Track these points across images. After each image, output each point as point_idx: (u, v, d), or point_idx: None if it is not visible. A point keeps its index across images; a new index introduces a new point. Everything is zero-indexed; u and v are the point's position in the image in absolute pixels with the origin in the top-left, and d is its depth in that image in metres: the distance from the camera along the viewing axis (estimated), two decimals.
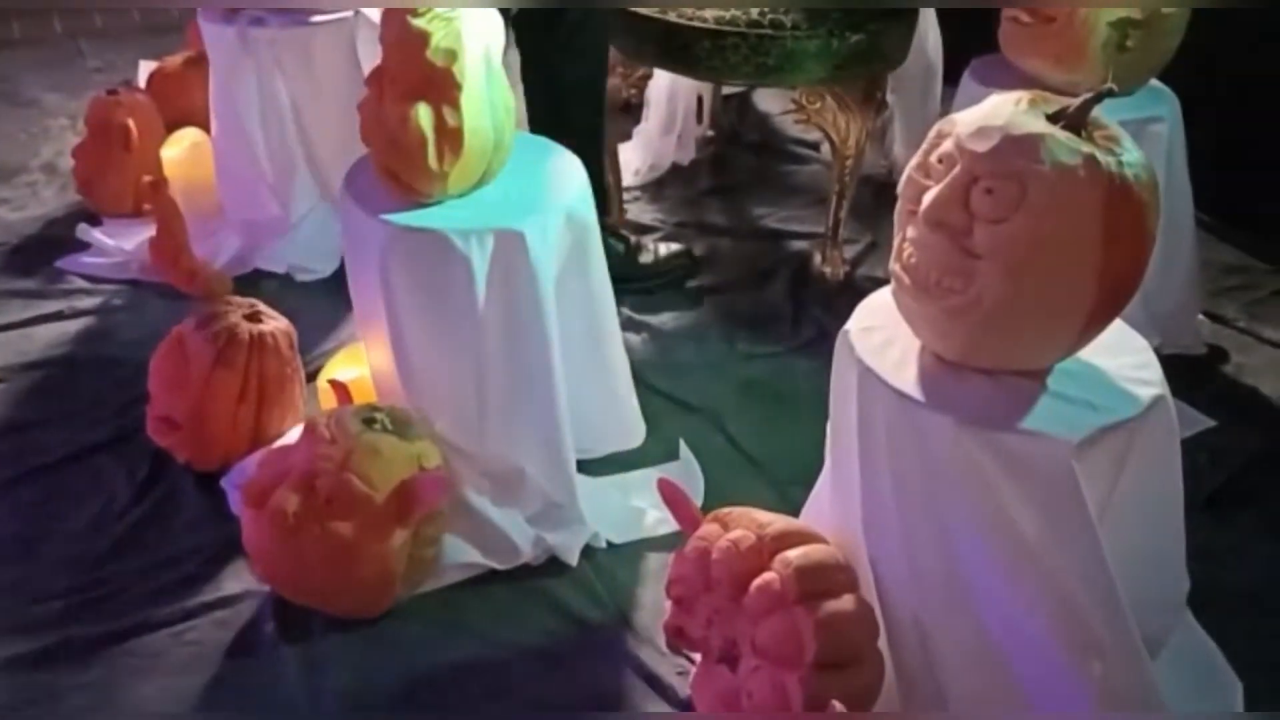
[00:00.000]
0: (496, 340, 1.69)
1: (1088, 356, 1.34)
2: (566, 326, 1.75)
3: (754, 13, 2.22)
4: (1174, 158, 2.03)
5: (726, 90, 3.06)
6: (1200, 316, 2.27)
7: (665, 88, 2.79)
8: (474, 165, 1.69)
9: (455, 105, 1.62)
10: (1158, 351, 2.09)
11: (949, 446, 1.28)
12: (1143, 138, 1.97)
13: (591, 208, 1.81)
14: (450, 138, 1.63)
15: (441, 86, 1.61)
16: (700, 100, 2.91)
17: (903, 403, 1.30)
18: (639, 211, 2.75)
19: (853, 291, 2.29)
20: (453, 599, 1.72)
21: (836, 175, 2.39)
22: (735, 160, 2.99)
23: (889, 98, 2.61)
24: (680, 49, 2.27)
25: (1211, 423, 2.03)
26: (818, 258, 2.49)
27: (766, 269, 2.53)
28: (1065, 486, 1.25)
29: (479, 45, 1.65)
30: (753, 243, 2.66)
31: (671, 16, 2.25)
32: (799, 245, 2.62)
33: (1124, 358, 1.36)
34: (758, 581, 1.35)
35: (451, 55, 1.60)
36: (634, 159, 2.84)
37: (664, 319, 2.36)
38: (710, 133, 3.02)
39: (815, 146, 3.04)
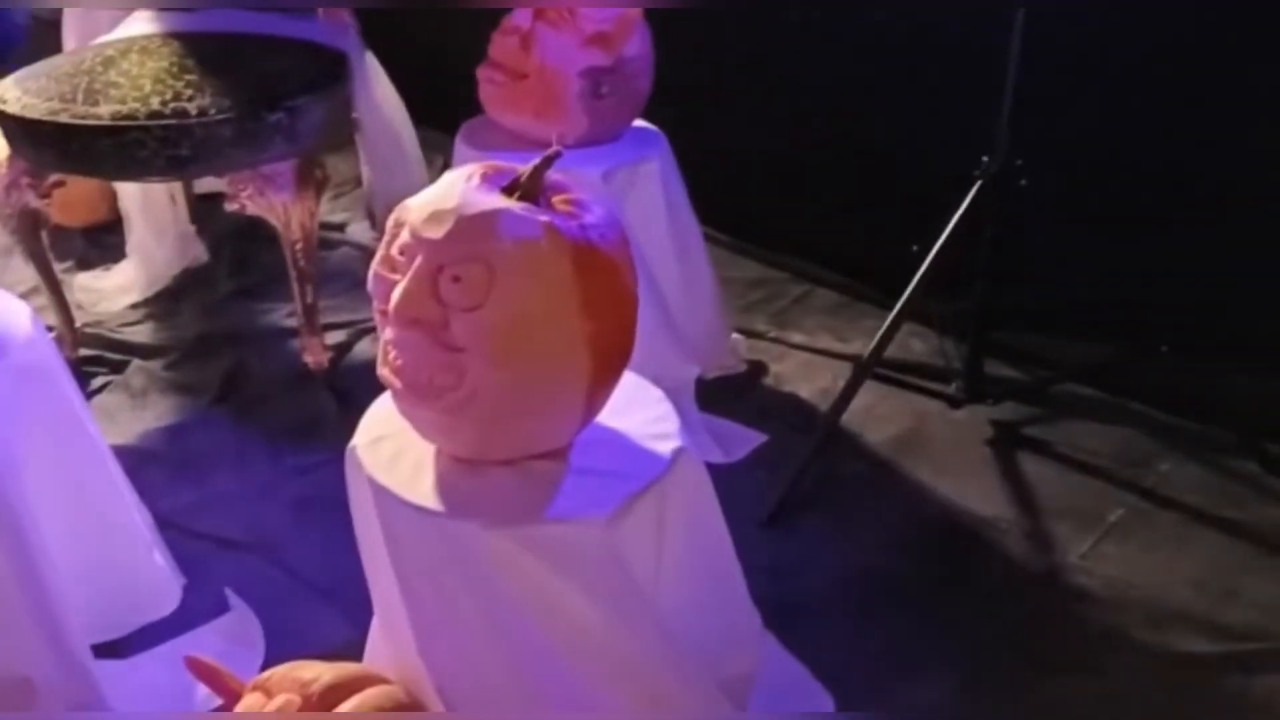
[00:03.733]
0: None
1: (607, 420, 1.29)
2: (50, 488, 1.50)
3: (155, 103, 2.00)
4: (672, 193, 2.07)
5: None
6: (735, 335, 2.34)
7: (134, 193, 2.53)
8: None
9: None
10: (701, 378, 2.18)
11: (483, 553, 1.18)
12: (637, 179, 2.01)
13: (48, 349, 1.57)
14: None
15: None
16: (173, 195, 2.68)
17: (424, 516, 1.19)
18: (150, 334, 2.48)
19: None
20: None
21: (291, 261, 2.20)
22: (255, 255, 2.78)
23: (363, 170, 2.48)
24: (81, 151, 2.02)
25: (763, 437, 2.08)
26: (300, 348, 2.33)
27: (301, 368, 2.35)
28: (607, 565, 1.19)
29: None
30: (285, 342, 2.47)
31: (63, 117, 1.99)
32: (336, 336, 2.47)
33: (641, 414, 1.32)
34: None
35: None
36: (131, 278, 2.57)
37: (189, 447, 2.12)
38: (193, 226, 2.78)
39: (340, 227, 2.90)
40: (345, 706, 1.22)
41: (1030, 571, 1.81)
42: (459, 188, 1.15)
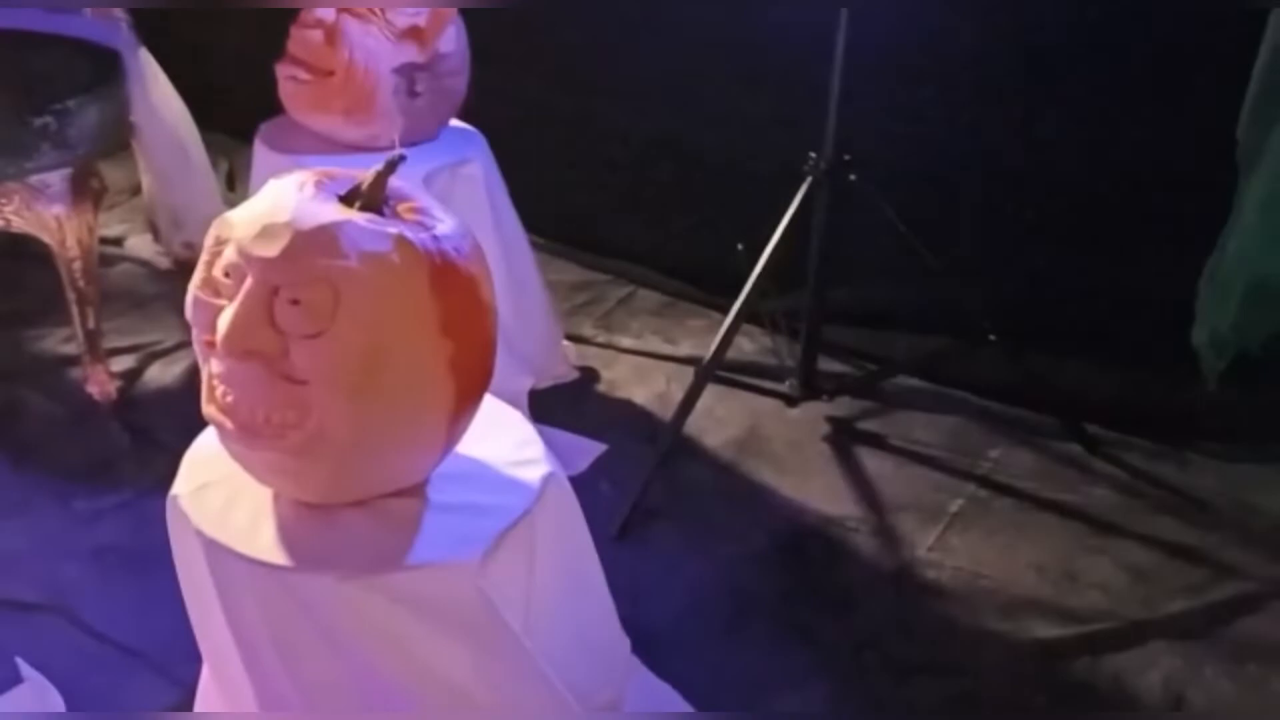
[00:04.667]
0: None
1: (466, 450, 1.18)
2: None
3: None
4: (495, 195, 1.96)
5: None
6: (565, 342, 2.25)
7: None
8: None
9: None
10: (534, 390, 2.08)
11: (337, 608, 1.05)
12: (457, 181, 1.89)
13: None
14: None
15: None
16: None
17: (268, 572, 1.05)
18: None
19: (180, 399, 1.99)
20: None
21: (69, 282, 1.99)
22: (21, 276, 2.49)
23: (142, 178, 2.28)
24: None
25: (603, 447, 2.00)
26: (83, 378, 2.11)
27: (87, 401, 2.12)
28: (479, 608, 1.08)
29: None
30: (64, 373, 2.22)
31: None
32: (123, 362, 2.24)
33: (503, 439, 1.22)
34: None
35: None
36: None
37: None
38: None
39: (118, 241, 2.65)
40: None
41: (883, 570, 1.80)
42: (291, 198, 1.01)
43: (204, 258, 1.04)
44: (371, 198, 1.05)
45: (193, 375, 2.18)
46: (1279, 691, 1.58)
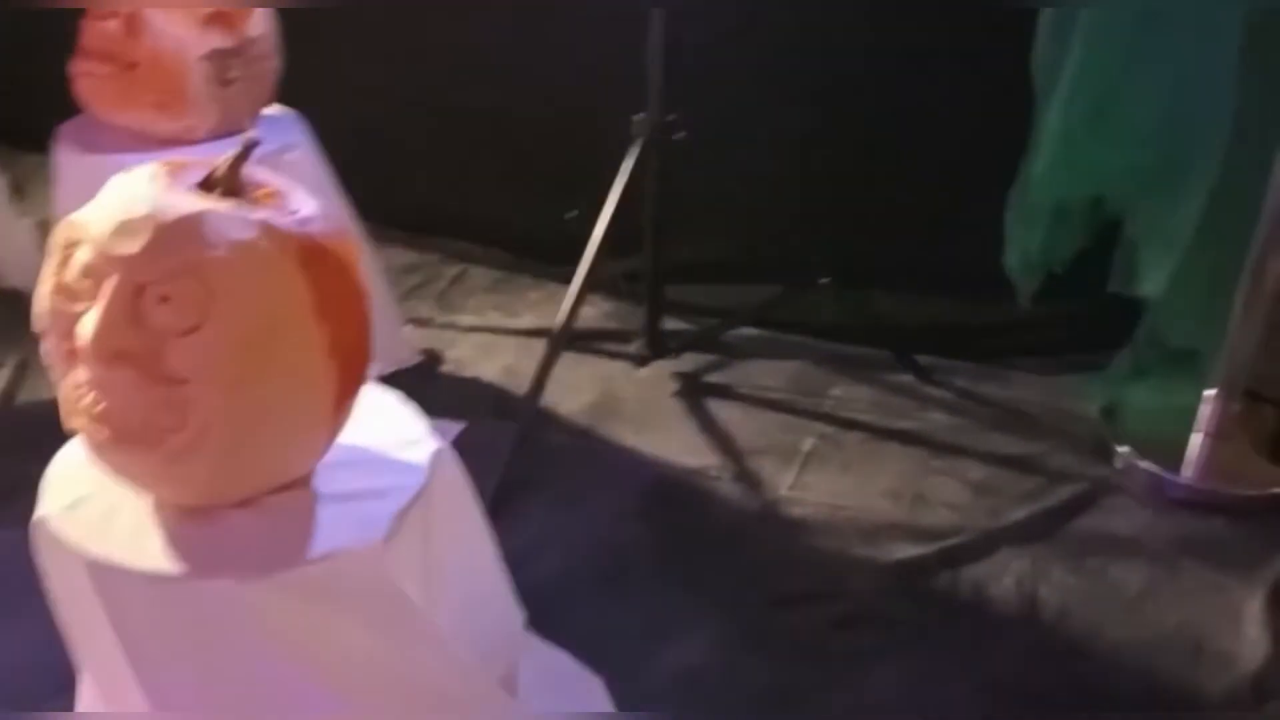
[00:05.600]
0: None
1: (349, 439, 1.15)
2: None
3: None
4: (322, 181, 1.90)
5: None
6: (406, 326, 2.22)
7: None
8: None
9: None
10: (380, 377, 2.04)
11: (242, 612, 1.01)
12: (282, 168, 1.81)
13: None
14: None
15: None
16: None
17: (162, 585, 1.00)
18: None
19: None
20: None
21: None
22: None
23: None
24: None
25: (460, 425, 1.99)
26: None
27: None
28: (382, 592, 1.06)
29: None
30: None
31: None
32: None
33: (383, 421, 1.20)
34: None
35: None
36: None
37: None
38: None
39: None
40: None
41: (749, 512, 1.85)
42: (145, 191, 0.97)
43: (52, 262, 0.98)
44: (230, 184, 1.01)
45: None
46: (1119, 579, 1.71)
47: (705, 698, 1.51)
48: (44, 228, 2.25)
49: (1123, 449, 1.95)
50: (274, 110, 1.94)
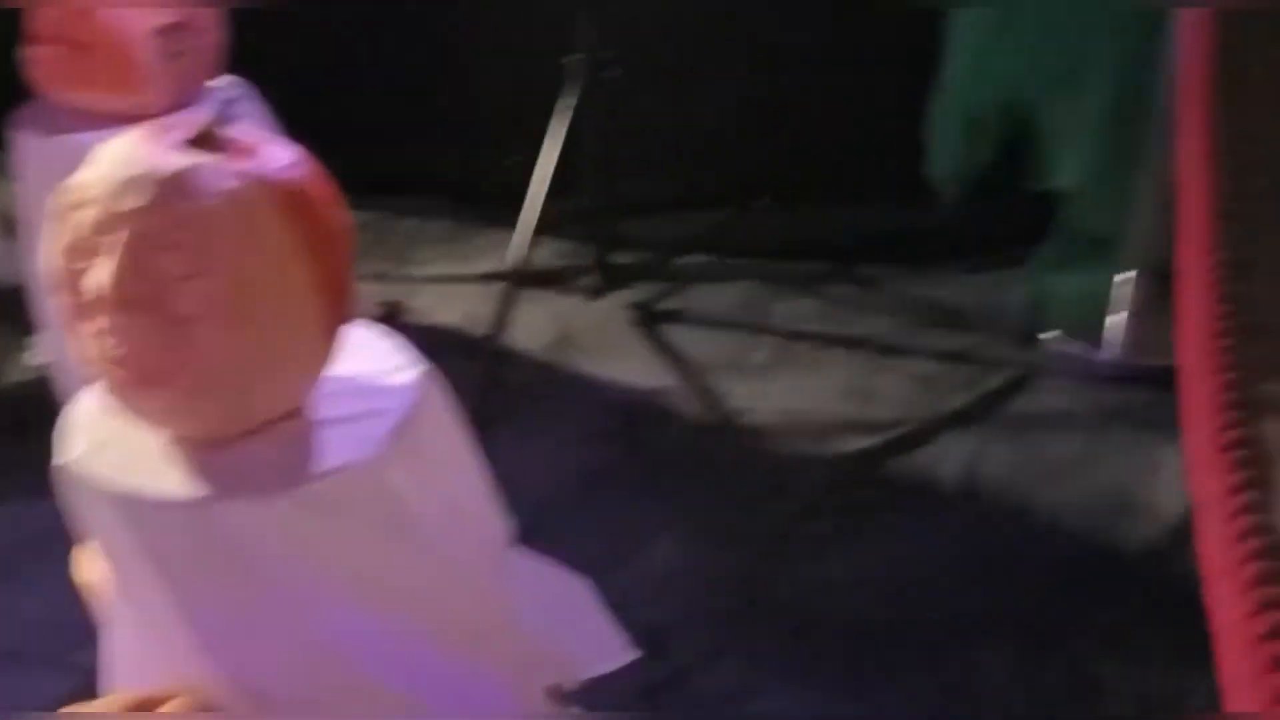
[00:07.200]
0: None
1: (339, 371, 1.25)
2: None
3: None
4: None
5: None
6: (362, 282, 2.30)
7: None
8: None
9: None
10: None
11: (261, 529, 1.11)
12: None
13: None
14: None
15: None
16: None
17: (188, 510, 1.10)
18: None
19: None
20: None
21: None
22: None
23: None
24: None
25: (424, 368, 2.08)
26: None
27: None
28: (385, 503, 1.17)
29: None
30: None
31: None
32: None
33: (369, 352, 1.30)
34: None
35: None
36: None
37: None
38: None
39: None
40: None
41: (710, 424, 1.98)
42: (140, 151, 1.05)
43: (58, 228, 1.07)
44: (209, 140, 1.10)
45: None
46: (1057, 453, 1.86)
47: (680, 593, 1.64)
48: (4, 219, 2.30)
49: (1051, 334, 2.09)
50: (222, 80, 2.00)
